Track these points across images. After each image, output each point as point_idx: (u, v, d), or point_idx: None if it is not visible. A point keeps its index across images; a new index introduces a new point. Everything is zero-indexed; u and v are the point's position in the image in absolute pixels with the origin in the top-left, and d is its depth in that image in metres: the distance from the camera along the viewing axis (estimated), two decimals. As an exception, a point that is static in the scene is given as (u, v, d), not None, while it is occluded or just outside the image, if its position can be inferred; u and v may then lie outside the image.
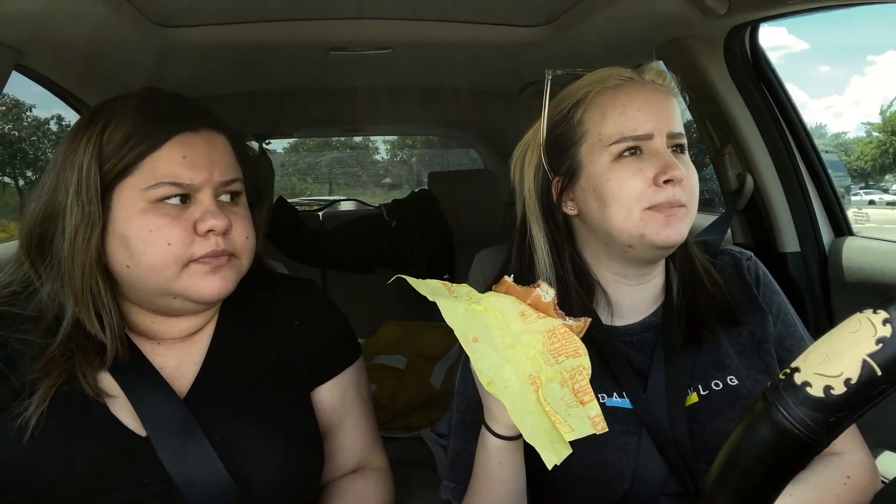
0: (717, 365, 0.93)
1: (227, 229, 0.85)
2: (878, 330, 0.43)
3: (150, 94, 0.90)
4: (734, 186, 1.59)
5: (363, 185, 8.50)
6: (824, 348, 0.45)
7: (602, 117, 0.92)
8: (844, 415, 0.44)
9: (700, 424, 0.90)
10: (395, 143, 7.93)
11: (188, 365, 0.92)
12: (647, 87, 0.93)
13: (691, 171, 0.92)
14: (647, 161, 0.89)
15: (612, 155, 0.90)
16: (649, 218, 0.88)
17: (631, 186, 0.89)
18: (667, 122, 0.91)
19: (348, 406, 1.02)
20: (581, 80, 0.97)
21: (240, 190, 0.90)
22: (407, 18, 1.59)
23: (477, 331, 0.78)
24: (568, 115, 0.95)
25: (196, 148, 0.85)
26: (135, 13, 1.39)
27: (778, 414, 0.45)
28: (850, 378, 0.43)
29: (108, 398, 0.84)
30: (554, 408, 0.75)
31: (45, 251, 0.86)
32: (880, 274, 1.38)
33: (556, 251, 0.96)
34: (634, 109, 0.90)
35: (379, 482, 1.03)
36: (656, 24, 1.45)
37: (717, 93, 1.51)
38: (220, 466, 0.84)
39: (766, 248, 1.59)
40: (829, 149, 14.89)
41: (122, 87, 0.94)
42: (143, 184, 0.82)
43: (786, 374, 0.46)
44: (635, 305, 0.98)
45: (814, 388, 0.44)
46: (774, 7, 1.30)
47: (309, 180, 9.89)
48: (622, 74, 0.95)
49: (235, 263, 0.88)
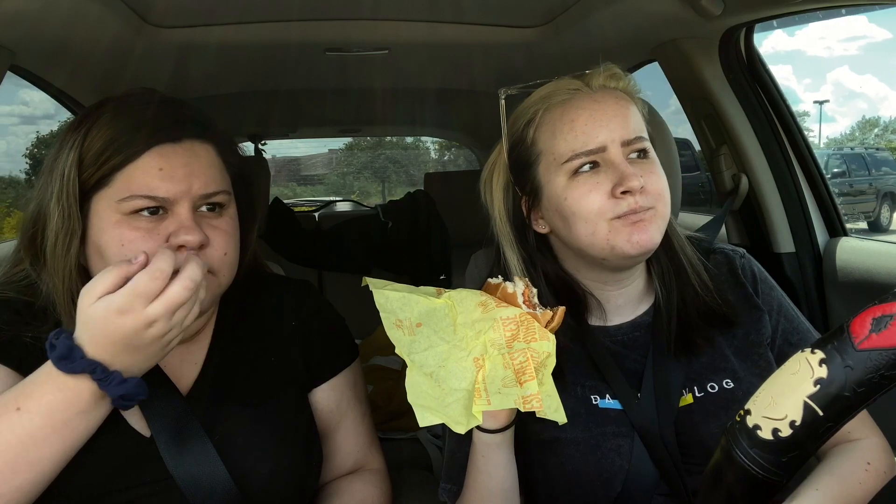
0: (714, 367, 0.93)
1: (204, 244, 0.83)
2: (815, 371, 0.45)
3: (136, 98, 0.88)
4: (729, 187, 1.59)
5: (414, 183, 8.68)
6: (770, 390, 0.47)
7: (553, 136, 0.90)
8: (796, 454, 0.45)
9: (694, 426, 0.90)
10: (443, 144, 8.10)
11: (189, 365, 0.92)
12: (595, 97, 0.90)
13: (654, 176, 0.89)
14: (603, 174, 0.88)
15: (567, 173, 0.89)
16: (617, 229, 0.87)
17: (590, 202, 0.87)
18: (619, 129, 0.88)
19: (345, 407, 1.02)
20: (530, 98, 0.96)
21: (224, 202, 0.87)
22: (403, 19, 1.59)
23: (424, 318, 0.82)
24: (522, 135, 0.95)
25: (174, 160, 0.82)
26: (130, 14, 1.38)
27: (738, 456, 0.47)
28: (795, 420, 0.45)
29: None
30: (487, 386, 0.78)
31: (38, 251, 0.86)
32: (875, 274, 1.39)
33: (531, 266, 0.96)
34: (583, 123, 0.88)
35: (376, 483, 1.03)
36: (652, 25, 1.45)
37: (712, 93, 1.52)
38: (220, 465, 0.84)
39: (761, 248, 1.60)
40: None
41: (117, 88, 0.93)
42: (118, 195, 0.81)
43: (740, 416, 0.48)
44: (622, 307, 0.98)
45: (763, 432, 0.46)
46: (770, 8, 1.31)
47: (362, 179, 10.19)
48: (569, 86, 0.92)
49: (211, 281, 0.84)
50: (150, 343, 0.73)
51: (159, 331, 0.73)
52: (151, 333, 0.73)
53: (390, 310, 0.81)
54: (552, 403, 0.79)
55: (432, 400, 0.77)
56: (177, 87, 1.98)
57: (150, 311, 0.72)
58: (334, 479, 1.02)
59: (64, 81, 1.71)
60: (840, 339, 0.45)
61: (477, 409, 0.77)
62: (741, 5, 1.28)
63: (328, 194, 9.18)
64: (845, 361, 0.44)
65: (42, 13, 1.21)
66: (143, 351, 0.74)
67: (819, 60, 74.01)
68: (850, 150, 14.18)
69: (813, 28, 63.67)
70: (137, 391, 0.76)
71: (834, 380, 0.44)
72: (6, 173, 12.51)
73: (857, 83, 64.66)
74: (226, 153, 0.89)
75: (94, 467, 0.81)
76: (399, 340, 0.80)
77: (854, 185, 10.95)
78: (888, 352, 0.43)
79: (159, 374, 0.87)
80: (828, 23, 1.70)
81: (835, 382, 0.44)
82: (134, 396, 0.76)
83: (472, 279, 1.25)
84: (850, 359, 0.44)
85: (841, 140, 24.13)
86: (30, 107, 13.83)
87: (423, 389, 0.78)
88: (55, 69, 1.59)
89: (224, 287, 0.88)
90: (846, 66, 71.32)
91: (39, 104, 9.34)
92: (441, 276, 2.49)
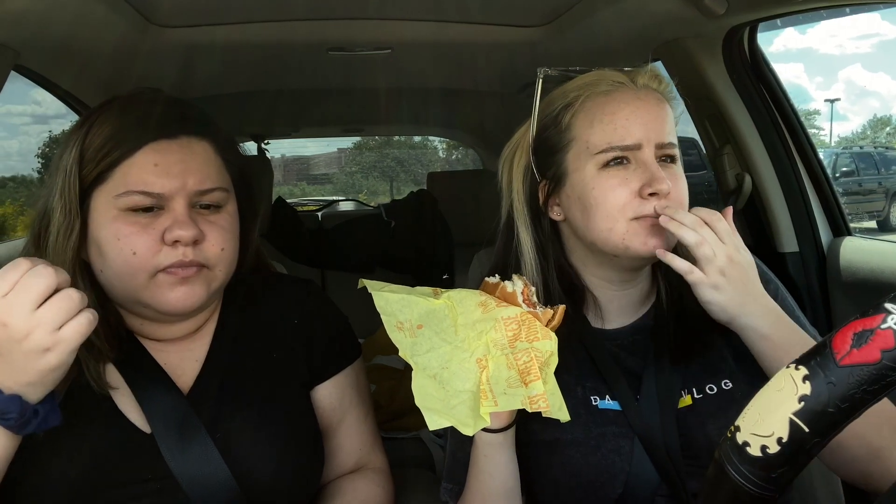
0: (712, 368, 0.93)
1: (199, 239, 0.83)
2: (799, 388, 0.45)
3: (136, 97, 0.89)
4: (733, 186, 1.59)
5: (423, 182, 8.75)
6: (758, 407, 0.48)
7: (590, 124, 0.90)
8: (785, 470, 0.46)
9: (693, 428, 0.90)
10: (451, 143, 8.15)
11: (190, 362, 0.92)
12: (639, 94, 0.90)
13: (679, 182, 0.90)
14: (633, 172, 0.88)
15: (598, 164, 0.89)
16: (634, 229, 0.87)
17: (615, 197, 0.87)
18: (657, 131, 0.88)
19: (347, 405, 1.02)
20: (572, 83, 0.95)
21: (221, 199, 0.88)
22: (406, 19, 1.59)
23: (424, 319, 0.81)
24: (557, 118, 0.94)
25: (170, 156, 0.83)
26: (133, 14, 1.39)
27: (729, 472, 0.47)
28: (782, 437, 0.45)
29: (113, 391, 0.85)
30: (493, 387, 0.78)
31: (43, 247, 0.87)
32: (879, 274, 1.39)
33: (542, 255, 0.95)
34: (624, 118, 0.88)
35: (378, 482, 1.03)
36: (655, 25, 1.45)
37: (715, 93, 1.51)
38: (221, 463, 0.84)
39: (765, 248, 1.60)
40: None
41: (121, 88, 0.94)
42: (115, 191, 0.82)
43: (730, 432, 0.48)
44: (623, 309, 0.97)
45: (752, 448, 0.46)
46: (773, 7, 1.30)
47: (370, 178, 10.22)
48: (615, 79, 0.92)
49: (207, 275, 0.85)
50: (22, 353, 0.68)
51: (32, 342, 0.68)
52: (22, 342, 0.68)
53: (391, 312, 0.81)
54: (556, 402, 0.79)
55: (438, 402, 0.77)
56: (181, 86, 1.99)
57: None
58: (336, 477, 1.03)
59: (69, 82, 1.71)
60: (823, 355, 0.45)
61: (485, 411, 0.76)
62: (745, 4, 1.28)
63: (336, 193, 9.22)
64: (828, 378, 0.44)
65: (46, 13, 1.22)
66: (10, 360, 0.69)
67: (831, 58, 73.47)
68: (860, 148, 14.09)
69: (824, 26, 63.22)
70: (9, 406, 0.70)
71: (817, 397, 0.44)
72: (18, 173, 12.62)
73: (867, 81, 64.11)
74: (225, 151, 0.90)
75: (88, 457, 0.82)
76: (401, 342, 0.79)
77: (863, 184, 10.89)
78: (869, 367, 0.43)
79: (157, 371, 0.88)
80: (840, 20, 1.69)
81: (819, 399, 0.44)
82: (5, 412, 0.70)
83: (475, 279, 1.25)
84: (833, 375, 0.44)
85: (852, 139, 23.98)
86: (42, 106, 13.93)
87: (429, 392, 0.78)
88: (60, 70, 1.60)
89: (221, 282, 0.89)
90: (858, 63, 70.79)
91: (51, 103, 9.45)
92: (444, 275, 2.50)
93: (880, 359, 0.43)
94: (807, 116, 25.59)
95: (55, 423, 0.74)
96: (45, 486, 0.80)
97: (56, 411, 0.74)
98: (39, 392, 0.72)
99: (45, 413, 0.73)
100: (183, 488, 0.83)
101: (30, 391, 0.71)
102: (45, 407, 0.73)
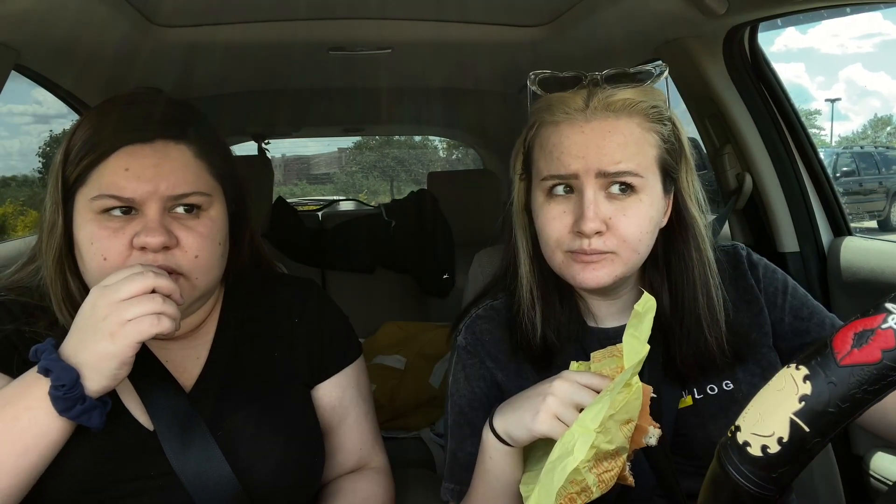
0: (713, 369, 0.92)
1: (170, 245, 0.82)
2: (800, 387, 0.45)
3: (122, 98, 0.88)
4: (733, 186, 1.59)
5: (422, 182, 8.80)
6: (758, 407, 0.48)
7: (541, 150, 0.89)
8: (786, 469, 0.46)
9: (694, 428, 0.90)
10: (451, 143, 8.17)
11: (192, 360, 0.92)
12: (587, 125, 0.85)
13: (628, 216, 0.84)
14: (573, 204, 0.86)
15: (543, 191, 0.88)
16: (568, 262, 0.87)
17: (552, 229, 0.87)
18: (599, 159, 0.83)
19: (348, 404, 1.02)
20: (536, 103, 0.92)
21: (201, 203, 0.86)
22: (406, 18, 1.59)
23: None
24: (527, 134, 0.94)
25: (143, 160, 0.82)
26: (134, 13, 1.39)
27: (730, 472, 0.47)
28: (782, 437, 0.45)
29: (116, 388, 0.85)
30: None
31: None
32: (879, 273, 1.39)
33: (537, 258, 0.95)
34: (565, 148, 0.85)
35: (379, 481, 1.03)
36: (656, 24, 1.45)
37: (716, 93, 1.51)
38: (222, 461, 0.85)
39: (765, 247, 1.60)
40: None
41: (122, 88, 0.94)
42: (91, 194, 0.82)
43: (731, 432, 0.48)
44: (614, 316, 0.97)
45: (753, 448, 0.46)
46: (774, 7, 1.30)
47: (371, 177, 10.21)
48: (568, 107, 0.87)
49: (182, 284, 0.83)
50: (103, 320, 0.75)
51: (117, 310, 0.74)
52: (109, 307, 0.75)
53: None
54: None
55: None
56: (182, 86, 1.99)
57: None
58: (337, 476, 1.03)
59: (70, 82, 1.71)
60: (823, 355, 0.45)
61: None
62: (745, 4, 1.28)
63: (337, 193, 9.22)
64: (829, 378, 0.44)
65: (48, 13, 1.22)
66: (83, 336, 0.76)
67: (832, 58, 73.33)
68: (861, 148, 14.09)
69: (826, 25, 62.98)
70: (64, 376, 0.74)
71: (818, 396, 0.44)
72: (19, 172, 12.67)
73: (867, 81, 63.91)
74: (207, 155, 0.88)
75: (91, 453, 0.82)
76: None
77: (864, 183, 10.89)
78: (870, 367, 0.43)
79: (160, 369, 0.88)
80: (841, 20, 1.67)
81: (819, 399, 0.44)
82: (59, 381, 0.74)
83: (475, 279, 1.25)
84: (834, 375, 0.44)
85: (853, 138, 23.95)
86: (43, 106, 13.94)
87: None
88: (61, 70, 1.60)
89: (201, 290, 0.87)
90: (859, 63, 70.65)
91: (52, 103, 9.47)
92: (444, 275, 2.50)
93: (881, 358, 0.43)
94: (807, 116, 25.60)
95: (95, 423, 0.77)
96: (47, 482, 0.80)
97: (100, 415, 0.77)
98: (94, 378, 0.75)
99: (90, 406, 0.76)
100: (185, 486, 0.83)
101: (86, 373, 0.75)
102: (92, 401, 0.76)
